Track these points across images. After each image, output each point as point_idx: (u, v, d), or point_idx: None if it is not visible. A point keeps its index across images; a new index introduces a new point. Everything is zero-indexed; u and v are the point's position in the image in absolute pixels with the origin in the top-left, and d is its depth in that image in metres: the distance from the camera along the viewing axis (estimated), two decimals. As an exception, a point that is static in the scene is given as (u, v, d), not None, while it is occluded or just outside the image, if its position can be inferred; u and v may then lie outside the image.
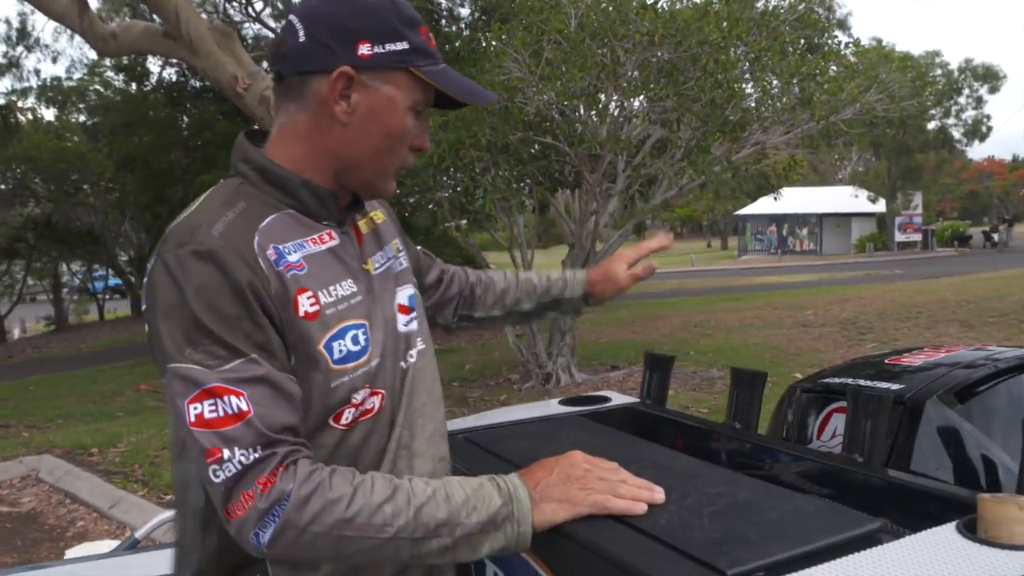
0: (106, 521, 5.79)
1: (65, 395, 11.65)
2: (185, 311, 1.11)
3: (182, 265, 1.13)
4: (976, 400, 1.80)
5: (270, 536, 1.09)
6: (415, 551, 1.14)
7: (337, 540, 1.11)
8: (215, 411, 1.09)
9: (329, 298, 1.23)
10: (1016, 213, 55.69)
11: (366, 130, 1.25)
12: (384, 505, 1.12)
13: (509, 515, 1.17)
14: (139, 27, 10.02)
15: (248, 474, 1.09)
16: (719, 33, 7.41)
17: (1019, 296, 13.49)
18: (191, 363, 1.10)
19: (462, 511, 1.15)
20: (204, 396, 1.10)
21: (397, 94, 1.24)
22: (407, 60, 1.23)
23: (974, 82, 36.84)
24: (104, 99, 24.33)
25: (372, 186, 1.32)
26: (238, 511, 1.10)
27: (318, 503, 1.10)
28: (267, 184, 1.26)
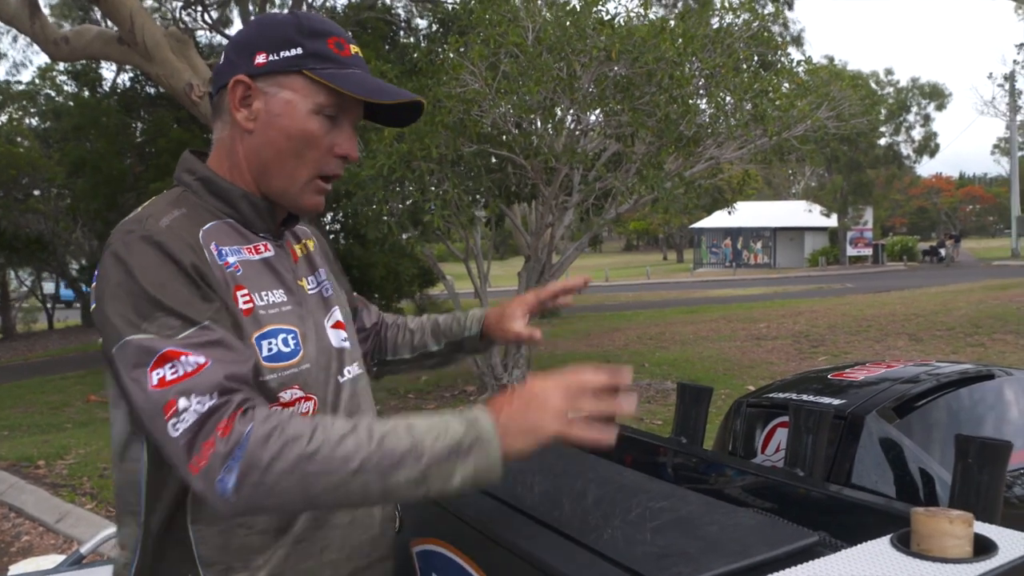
0: (52, 535, 5.68)
1: (11, 406, 11.40)
2: (135, 289, 1.16)
3: (130, 249, 1.18)
4: (915, 415, 1.84)
5: (235, 481, 1.07)
6: (385, 485, 1.10)
7: (302, 479, 1.08)
8: (175, 372, 1.11)
9: (261, 301, 1.29)
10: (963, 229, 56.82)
11: (268, 135, 1.31)
12: (346, 438, 1.10)
13: (475, 440, 1.12)
14: (92, 32, 9.89)
15: (208, 422, 1.09)
16: (674, 49, 7.51)
17: (965, 310, 13.79)
18: (147, 334, 1.13)
19: (426, 438, 1.11)
20: (163, 361, 1.12)
21: (295, 97, 1.29)
22: (300, 64, 1.29)
23: (922, 100, 37.65)
24: (56, 104, 23.93)
25: (289, 196, 1.35)
26: (201, 462, 1.08)
27: (278, 440, 1.08)
28: (209, 194, 1.34)
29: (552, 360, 11.86)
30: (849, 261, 41.37)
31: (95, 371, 14.70)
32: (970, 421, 1.89)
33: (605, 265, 49.50)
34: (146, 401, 1.12)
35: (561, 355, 12.56)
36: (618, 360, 11.26)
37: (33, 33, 9.55)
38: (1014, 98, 41.23)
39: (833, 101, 9.57)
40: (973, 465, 1.26)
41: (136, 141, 19.81)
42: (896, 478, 1.75)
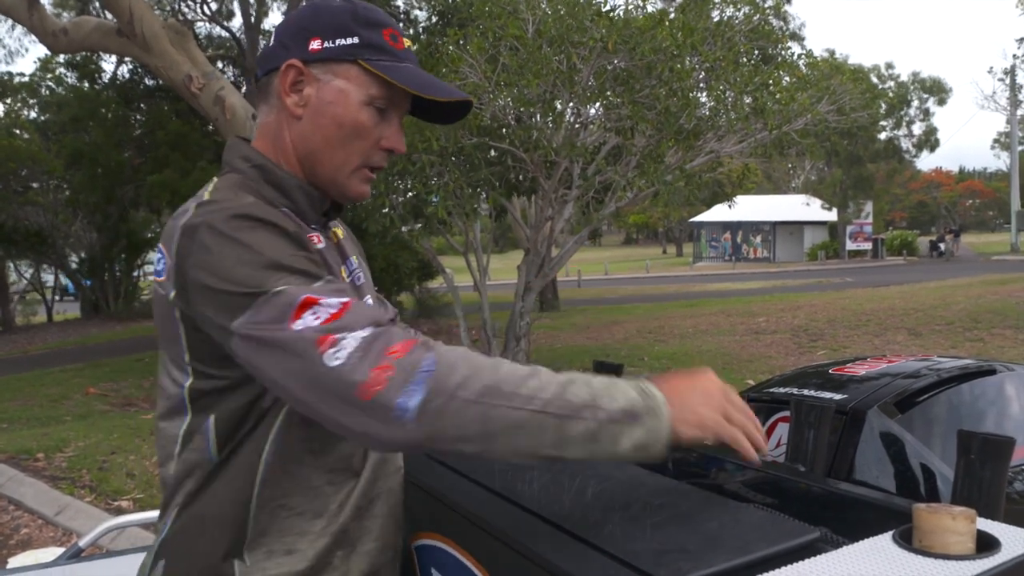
0: (51, 528, 5.68)
1: (10, 399, 11.39)
2: (249, 256, 1.13)
3: (231, 222, 1.16)
4: (917, 410, 1.83)
5: (419, 403, 1.04)
6: (559, 433, 1.08)
7: (485, 410, 1.05)
8: (317, 317, 1.09)
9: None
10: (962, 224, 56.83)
11: (318, 122, 1.29)
12: (529, 378, 1.09)
13: (648, 410, 1.11)
14: (91, 24, 9.87)
15: (372, 348, 1.07)
16: (673, 42, 7.48)
17: (964, 305, 13.79)
18: (278, 286, 1.11)
19: (603, 396, 1.10)
20: (302, 309, 1.09)
21: (348, 86, 1.28)
22: (355, 53, 1.27)
23: (922, 94, 37.63)
24: (56, 96, 23.90)
25: (336, 184, 1.33)
26: (375, 386, 1.04)
27: (466, 368, 1.07)
28: (264, 183, 1.31)
29: (551, 353, 11.87)
30: (848, 255, 41.40)
31: (94, 364, 14.70)
32: (971, 416, 1.88)
33: (604, 258, 49.53)
34: (293, 344, 1.08)
35: (561, 348, 12.57)
36: (617, 354, 11.26)
37: (31, 24, 9.52)
38: (1015, 92, 41.21)
39: (834, 95, 9.54)
40: (975, 461, 1.25)
41: (135, 133, 19.79)
42: (897, 473, 1.75)
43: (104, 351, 16.85)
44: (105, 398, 10.89)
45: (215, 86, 8.83)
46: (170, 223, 1.25)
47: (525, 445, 1.08)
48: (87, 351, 17.34)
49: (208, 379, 1.23)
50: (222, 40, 21.21)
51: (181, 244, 1.18)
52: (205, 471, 1.26)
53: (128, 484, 6.33)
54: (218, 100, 8.74)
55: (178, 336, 1.23)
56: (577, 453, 1.09)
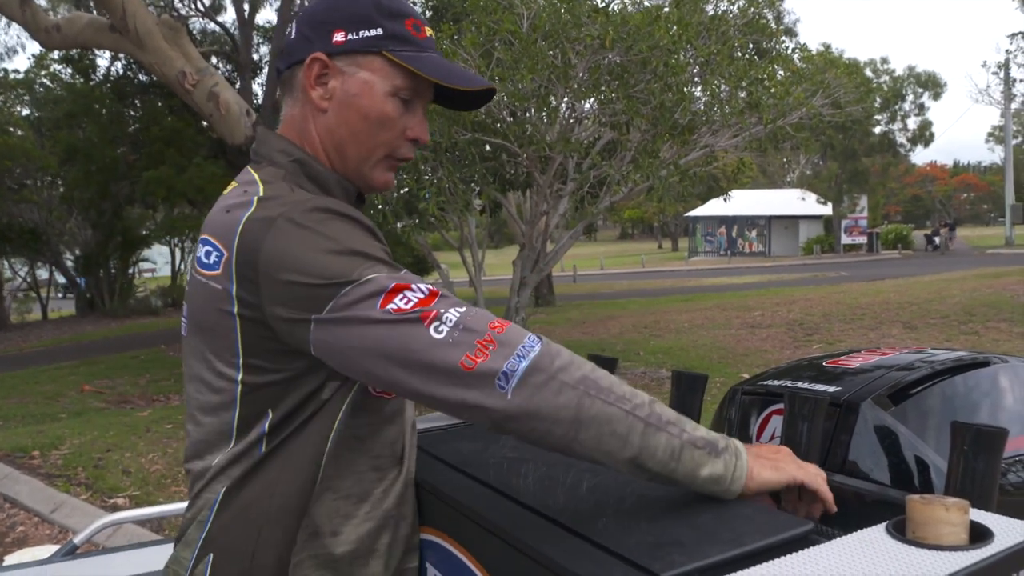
0: (47, 526, 5.68)
1: (5, 396, 11.37)
2: (337, 248, 1.15)
3: (314, 217, 1.17)
4: (910, 402, 1.83)
5: (520, 375, 1.06)
6: (645, 440, 1.11)
7: (581, 397, 1.08)
8: (406, 300, 1.11)
9: None
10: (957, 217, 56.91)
11: (344, 114, 1.30)
12: (622, 384, 1.12)
13: (729, 447, 1.17)
14: (84, 20, 9.83)
15: (474, 323, 1.09)
16: (669, 37, 7.48)
17: (959, 298, 13.82)
18: (365, 278, 1.12)
19: (687, 423, 1.15)
20: (392, 294, 1.11)
21: (373, 78, 1.28)
22: (380, 45, 1.27)
23: (917, 88, 37.68)
24: (51, 93, 23.82)
25: (363, 175, 1.35)
26: (478, 357, 1.07)
27: (567, 356, 1.09)
28: (304, 177, 1.31)
29: (547, 349, 11.86)
30: (844, 249, 41.47)
31: (89, 361, 14.68)
32: (965, 408, 1.89)
33: (600, 253, 49.54)
34: (390, 325, 1.10)
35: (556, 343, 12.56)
36: (613, 349, 11.27)
37: (24, 20, 9.49)
38: (1008, 86, 41.22)
39: (828, 89, 9.55)
40: (969, 452, 1.25)
41: (129, 130, 19.73)
42: (891, 465, 1.75)
43: (99, 348, 16.83)
44: (100, 395, 10.87)
45: (209, 82, 8.80)
46: (221, 216, 1.25)
47: (611, 443, 1.11)
48: (82, 348, 17.32)
49: (263, 373, 1.23)
50: (216, 36, 21.15)
51: (250, 237, 1.18)
52: (253, 461, 1.26)
53: (124, 481, 6.33)
54: (212, 96, 8.72)
55: (230, 329, 1.22)
56: (656, 467, 1.14)
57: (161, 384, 11.39)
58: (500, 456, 1.56)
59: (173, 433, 7.71)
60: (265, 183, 1.28)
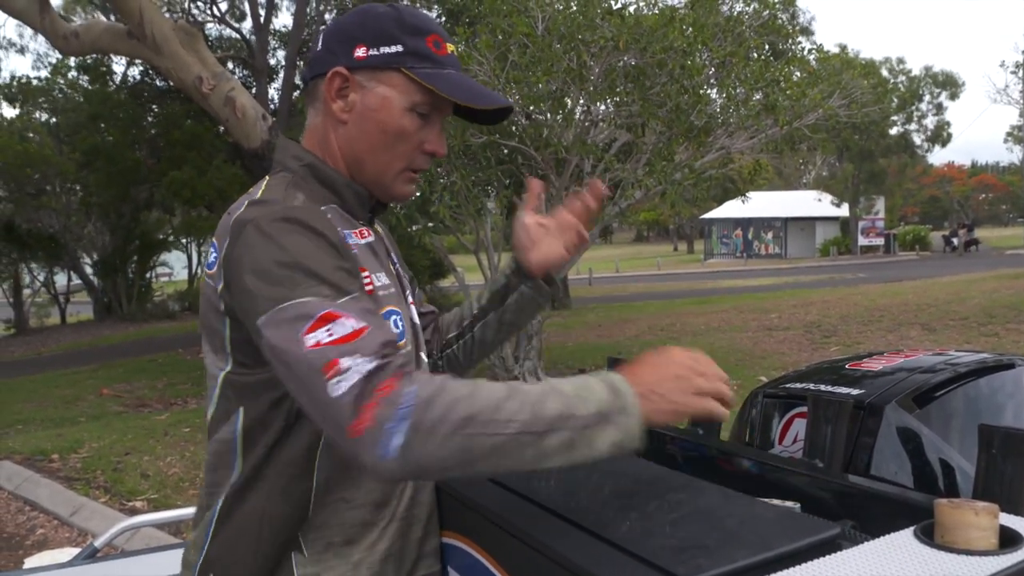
0: (67, 528, 5.71)
1: (25, 400, 11.46)
2: (286, 259, 1.17)
3: (275, 224, 1.21)
4: (935, 405, 1.81)
5: (402, 442, 1.06)
6: (538, 449, 1.10)
7: (465, 440, 1.08)
8: (331, 334, 1.11)
9: (378, 282, 1.36)
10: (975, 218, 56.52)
11: (363, 127, 1.34)
12: (505, 401, 1.10)
13: (620, 408, 1.13)
14: (101, 26, 9.91)
15: (370, 382, 1.08)
16: (684, 39, 7.46)
17: (978, 300, 13.71)
18: (301, 297, 1.14)
19: (575, 402, 1.12)
20: (319, 324, 1.12)
21: (392, 93, 1.32)
22: (399, 61, 1.31)
23: (935, 89, 37.45)
24: (69, 100, 23.98)
25: (381, 186, 1.39)
26: (364, 423, 1.07)
27: (443, 402, 1.08)
28: (314, 180, 1.37)
29: (563, 352, 11.86)
30: (861, 251, 41.26)
31: (107, 365, 14.77)
32: (991, 411, 1.87)
33: (615, 256, 49.46)
34: (302, 362, 1.11)
35: (572, 347, 12.56)
36: (629, 352, 11.24)
37: (43, 28, 9.55)
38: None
39: (845, 90, 9.50)
40: (997, 455, 1.24)
41: (148, 135, 19.84)
42: (916, 469, 1.74)
43: (118, 352, 16.92)
44: (119, 399, 10.94)
45: (225, 87, 8.83)
46: (224, 218, 1.30)
47: (506, 464, 1.11)
48: (100, 352, 17.42)
49: (246, 372, 1.29)
50: (232, 41, 21.24)
51: (231, 239, 1.24)
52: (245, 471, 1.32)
53: (142, 484, 6.36)
54: (228, 101, 8.74)
55: (222, 327, 1.29)
56: (557, 462, 1.12)
57: (179, 388, 11.45)
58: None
59: (191, 436, 7.74)
60: (267, 187, 1.34)
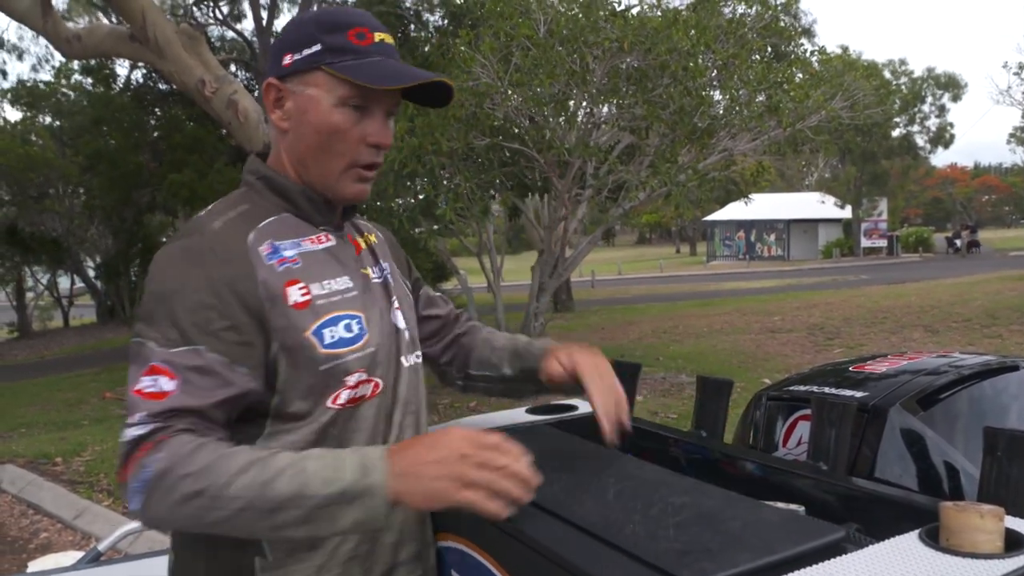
0: (71, 532, 5.71)
1: (28, 403, 11.47)
2: (162, 292, 1.25)
3: (172, 256, 1.29)
4: (939, 407, 1.81)
5: (140, 502, 1.15)
6: (270, 523, 1.15)
7: (194, 511, 1.14)
8: (152, 386, 1.20)
9: (322, 290, 1.34)
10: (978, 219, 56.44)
11: (300, 132, 1.37)
12: (236, 478, 1.14)
13: (364, 490, 1.15)
14: (104, 29, 9.92)
15: (139, 443, 1.17)
16: (687, 41, 7.46)
17: (981, 301, 13.70)
18: (150, 339, 1.23)
19: (314, 482, 1.14)
20: (149, 372, 1.21)
21: (317, 92, 1.34)
22: (318, 60, 1.33)
23: (937, 90, 37.40)
24: (73, 103, 24.03)
25: (329, 188, 1.40)
26: (125, 474, 1.17)
27: (175, 475, 1.14)
28: (269, 191, 1.41)
29: (566, 354, 11.81)
30: (863, 252, 41.22)
31: (111, 368, 14.77)
32: (995, 412, 1.87)
33: (617, 258, 49.46)
34: (129, 397, 1.21)
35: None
36: (632, 354, 11.23)
37: (45, 31, 9.57)
38: (1030, 87, 40.83)
39: (847, 92, 9.50)
40: (1002, 458, 1.23)
41: (150, 138, 19.88)
42: (920, 471, 1.73)
43: (120, 355, 16.91)
44: (122, 402, 10.92)
45: (227, 90, 8.85)
46: None
47: (242, 531, 1.18)
48: (103, 355, 17.44)
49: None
50: (234, 43, 21.28)
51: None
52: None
53: (146, 487, 6.34)
54: (231, 104, 8.76)
55: None
56: (297, 533, 1.17)
57: (182, 391, 11.42)
58: (525, 462, 1.55)
59: (194, 439, 7.72)
60: (217, 202, 1.42)
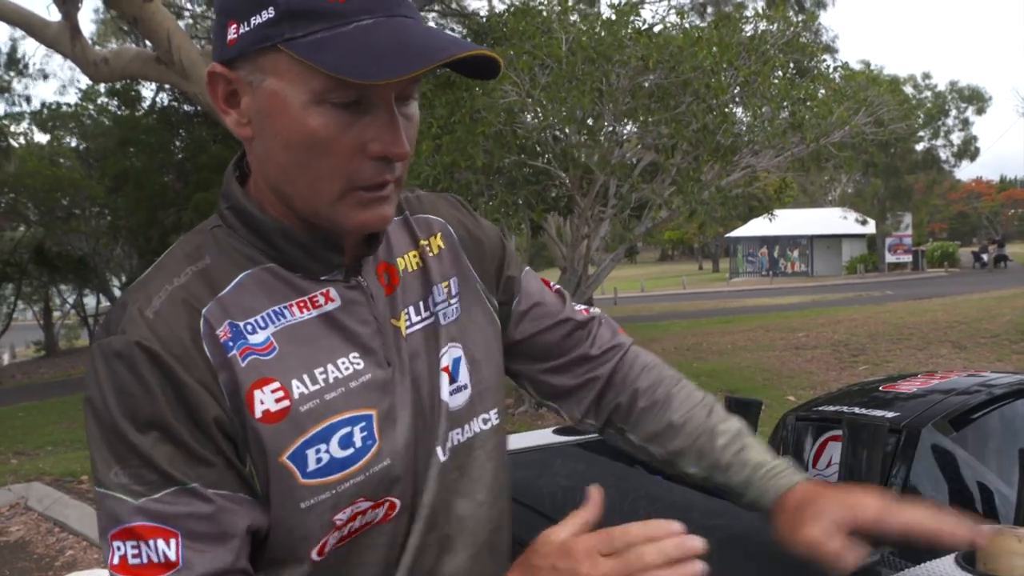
0: (96, 550, 5.72)
1: (55, 421, 11.56)
2: (109, 421, 0.86)
3: (104, 362, 0.87)
4: (972, 427, 1.79)
5: None
6: None
7: None
8: (138, 557, 0.84)
9: (309, 387, 0.92)
10: (1005, 234, 55.92)
11: (266, 143, 0.90)
12: None
13: None
14: (131, 52, 10.07)
15: None
16: (710, 58, 7.47)
17: (1010, 317, 13.54)
18: (116, 489, 0.85)
19: None
20: (126, 536, 0.85)
21: (280, 86, 0.86)
22: (273, 35, 0.84)
23: (961, 103, 37.21)
24: (98, 125, 24.38)
25: (324, 219, 0.93)
26: None
27: None
28: (245, 228, 0.96)
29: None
30: (888, 268, 40.90)
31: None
32: (1029, 434, 1.84)
33: (640, 275, 49.35)
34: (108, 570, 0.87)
35: None
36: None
37: (74, 56, 9.73)
38: (1055, 100, 40.52)
39: (871, 107, 9.46)
40: (1040, 481, 1.22)
41: (176, 158, 20.14)
42: (953, 492, 1.71)
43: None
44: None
45: (253, 111, 8.95)
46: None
47: None
48: (129, 374, 17.52)
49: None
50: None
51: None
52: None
53: (171, 506, 6.37)
54: (256, 124, 8.86)
55: None
56: None
57: (206, 409, 11.49)
58: (555, 485, 1.55)
59: (219, 458, 7.76)
60: (165, 256, 0.98)
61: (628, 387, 1.24)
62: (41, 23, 10.18)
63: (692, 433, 1.19)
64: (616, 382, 1.25)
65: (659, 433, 1.21)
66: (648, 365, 1.27)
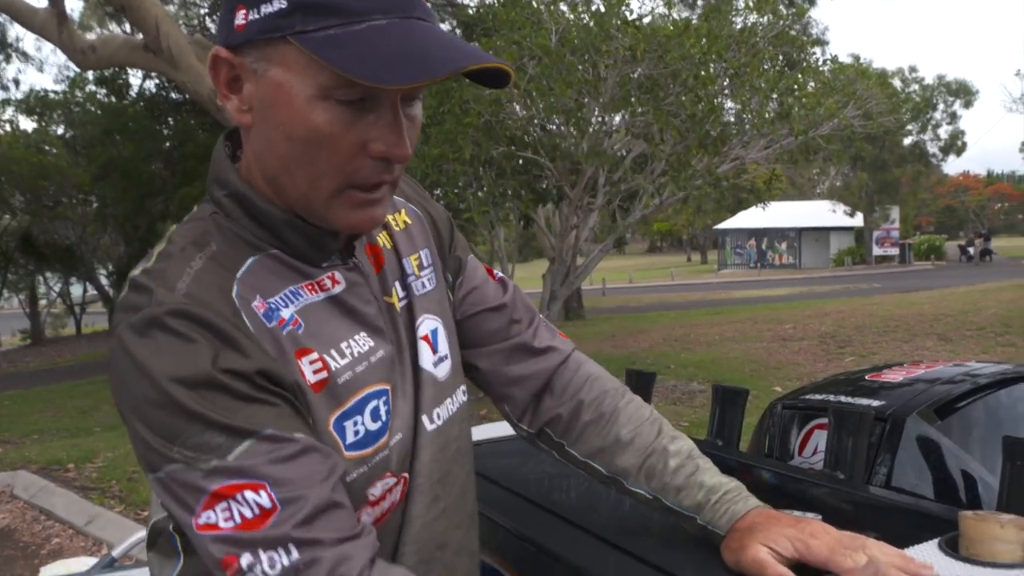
0: (82, 538, 5.72)
1: (41, 410, 11.52)
2: (159, 397, 0.82)
3: (142, 339, 0.84)
4: (956, 416, 1.81)
5: None
6: None
7: None
8: (230, 517, 0.81)
9: (341, 360, 0.93)
10: (991, 227, 56.20)
11: (267, 134, 0.90)
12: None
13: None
14: (118, 40, 10.01)
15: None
16: (699, 49, 7.48)
17: (995, 310, 13.61)
18: (184, 463, 0.82)
19: None
20: (212, 502, 0.81)
21: (287, 78, 0.85)
22: (284, 26, 0.84)
23: (948, 97, 37.34)
24: (86, 112, 24.23)
25: (315, 214, 0.93)
26: None
27: None
28: (246, 216, 0.95)
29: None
30: (875, 261, 41.07)
31: (123, 375, 14.80)
32: (1011, 422, 1.86)
33: (629, 267, 49.41)
34: (202, 551, 0.84)
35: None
36: (644, 362, 11.21)
37: (61, 42, 9.67)
38: (1042, 95, 40.71)
39: (859, 100, 9.49)
40: (1022, 467, 1.23)
41: (163, 147, 20.02)
42: (937, 480, 1.73)
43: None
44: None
45: (241, 99, 8.91)
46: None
47: None
48: (116, 363, 17.45)
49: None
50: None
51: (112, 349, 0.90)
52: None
53: (158, 495, 6.36)
54: (244, 113, 8.83)
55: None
56: None
57: (194, 398, 11.45)
58: (540, 471, 1.56)
59: (206, 447, 7.75)
60: (168, 243, 0.95)
61: (571, 398, 1.20)
62: (29, 10, 10.11)
63: (641, 451, 1.16)
64: (557, 389, 1.21)
65: (604, 449, 1.17)
66: (593, 375, 1.23)
